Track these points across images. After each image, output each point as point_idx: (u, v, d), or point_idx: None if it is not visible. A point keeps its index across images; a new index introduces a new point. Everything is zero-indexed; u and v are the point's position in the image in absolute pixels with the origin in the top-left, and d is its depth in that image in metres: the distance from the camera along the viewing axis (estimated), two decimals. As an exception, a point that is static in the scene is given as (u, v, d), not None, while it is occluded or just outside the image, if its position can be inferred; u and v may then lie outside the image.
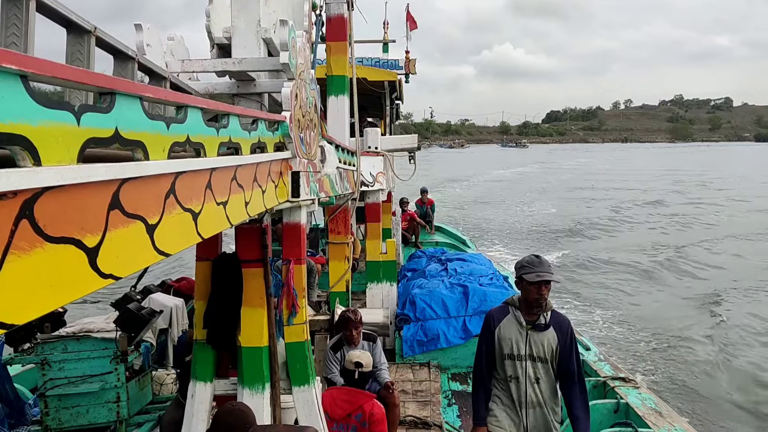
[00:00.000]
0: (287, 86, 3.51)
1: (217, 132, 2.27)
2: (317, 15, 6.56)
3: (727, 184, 44.56)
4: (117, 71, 2.69)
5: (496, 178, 55.77)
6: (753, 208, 29.91)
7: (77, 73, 1.27)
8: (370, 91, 9.61)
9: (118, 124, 1.47)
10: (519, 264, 3.62)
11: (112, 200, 1.44)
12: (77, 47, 2.31)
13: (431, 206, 15.44)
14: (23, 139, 1.11)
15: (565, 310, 12.02)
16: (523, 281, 3.52)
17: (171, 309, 5.38)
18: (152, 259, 1.67)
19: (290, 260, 4.18)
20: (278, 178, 3.36)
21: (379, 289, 8.24)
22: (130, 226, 1.53)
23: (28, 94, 1.12)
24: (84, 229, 1.31)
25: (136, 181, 1.56)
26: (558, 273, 16.37)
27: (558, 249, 20.09)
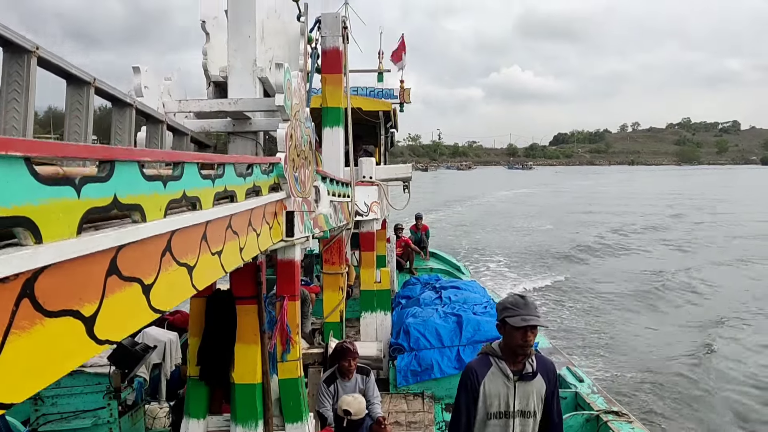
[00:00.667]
0: (282, 127, 3.56)
1: (213, 183, 2.31)
2: (313, 48, 6.66)
3: (725, 207, 44.77)
4: (116, 118, 2.74)
5: (499, 199, 56.59)
6: (747, 232, 30.04)
7: (77, 149, 1.32)
8: (365, 121, 9.71)
9: (116, 190, 1.51)
10: (501, 305, 3.18)
11: (109, 267, 1.47)
12: (77, 98, 2.36)
13: (426, 232, 15.49)
14: (26, 220, 1.15)
15: (557, 339, 12.03)
16: (507, 325, 3.08)
17: (165, 344, 5.38)
18: (148, 318, 1.70)
19: (284, 297, 4.21)
20: (273, 219, 3.40)
21: (373, 318, 8.24)
22: (127, 290, 1.56)
23: (31, 175, 1.16)
24: (82, 299, 1.35)
25: (134, 245, 1.59)
26: (549, 297, 16.53)
27: (549, 273, 20.11)
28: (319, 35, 6.71)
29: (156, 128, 3.17)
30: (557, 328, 13.37)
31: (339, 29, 6.68)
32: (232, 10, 4.07)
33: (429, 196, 54.28)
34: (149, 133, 3.18)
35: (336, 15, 6.71)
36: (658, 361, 11.46)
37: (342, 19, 6.72)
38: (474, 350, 7.71)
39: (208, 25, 4.30)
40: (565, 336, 12.81)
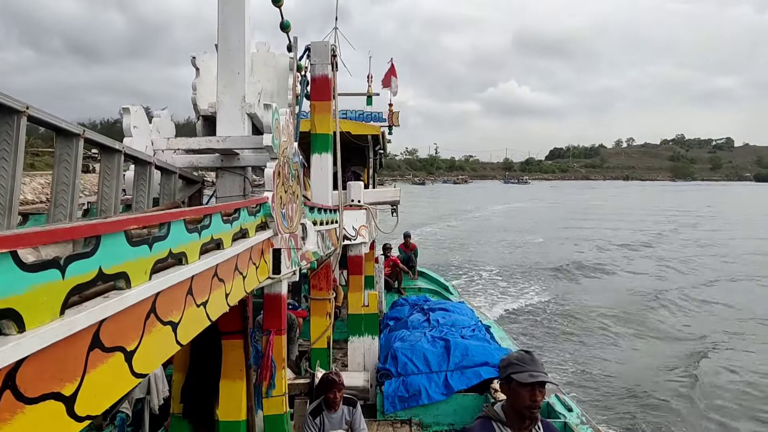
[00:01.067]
0: (270, 166, 3.59)
1: (200, 235, 2.32)
2: (302, 75, 6.71)
3: (715, 224, 45.14)
4: (104, 165, 2.76)
5: (494, 212, 57.61)
6: (732, 252, 30.29)
7: (60, 232, 1.33)
8: (353, 144, 9.76)
9: (101, 263, 1.53)
10: (505, 362, 2.85)
11: (92, 341, 1.48)
12: (66, 150, 2.38)
13: (414, 251, 15.50)
14: (10, 311, 1.16)
15: (545, 359, 12.03)
16: (512, 383, 2.74)
17: (149, 378, 5.33)
18: (129, 385, 1.71)
19: (270, 331, 4.21)
20: (259, 258, 3.41)
21: (361, 342, 8.22)
22: (109, 361, 1.57)
23: (16, 266, 1.18)
24: (63, 380, 1.35)
25: (117, 314, 1.60)
26: (537, 316, 16.55)
27: (537, 291, 20.17)
28: (308, 63, 6.76)
29: (144, 169, 3.19)
30: (544, 350, 13.39)
31: (328, 57, 6.74)
32: (222, 46, 4.11)
33: (426, 210, 55.15)
34: (137, 174, 3.19)
35: (325, 43, 6.77)
36: (648, 385, 11.48)
37: (331, 47, 6.78)
38: (462, 376, 7.71)
39: (198, 60, 4.33)
40: (554, 360, 12.82)
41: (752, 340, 14.54)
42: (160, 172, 3.55)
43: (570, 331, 15.37)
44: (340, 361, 8.89)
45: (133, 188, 3.26)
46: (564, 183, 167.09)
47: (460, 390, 7.56)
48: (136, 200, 3.23)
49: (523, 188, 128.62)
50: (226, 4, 4.00)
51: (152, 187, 3.36)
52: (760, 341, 14.37)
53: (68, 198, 2.42)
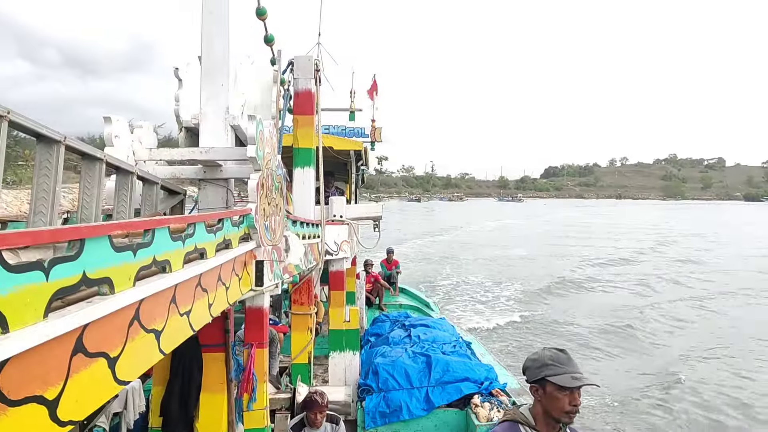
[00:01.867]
0: (254, 178, 3.58)
1: (183, 243, 2.31)
2: (285, 89, 6.72)
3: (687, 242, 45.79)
4: (85, 173, 2.73)
5: (485, 228, 58.73)
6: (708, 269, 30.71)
7: (44, 234, 1.32)
8: (336, 159, 9.78)
9: (85, 267, 1.51)
10: (539, 362, 2.54)
11: (75, 346, 1.46)
12: (46, 156, 2.35)
13: (396, 267, 15.50)
14: (-7, 313, 1.14)
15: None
16: (548, 386, 2.46)
17: (127, 391, 5.24)
18: (112, 391, 1.69)
19: (252, 344, 4.17)
20: (242, 270, 3.39)
21: (342, 358, 8.18)
22: (92, 366, 1.55)
23: (0, 266, 1.16)
24: (46, 383, 1.33)
25: (101, 319, 1.58)
26: (519, 331, 16.59)
27: (521, 306, 20.25)
28: (291, 77, 6.78)
29: (126, 179, 3.16)
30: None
31: (311, 72, 6.76)
32: (206, 57, 4.11)
33: (422, 225, 57.72)
34: (118, 184, 3.16)
35: (309, 58, 6.80)
36: (630, 400, 11.54)
37: (315, 62, 6.81)
38: (443, 391, 7.69)
39: (180, 71, 4.32)
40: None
41: (731, 355, 14.73)
42: (141, 183, 3.52)
43: (552, 346, 15.38)
44: (320, 377, 8.82)
45: (114, 198, 3.22)
46: (557, 201, 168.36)
47: (440, 405, 7.54)
48: (117, 210, 3.20)
49: (517, 206, 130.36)
50: (209, 15, 4.01)
51: (134, 198, 3.33)
52: (744, 357, 14.57)
53: (48, 205, 2.39)
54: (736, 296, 22.69)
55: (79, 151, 2.60)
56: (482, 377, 7.94)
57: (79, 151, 2.60)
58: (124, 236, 2.14)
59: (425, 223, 57.96)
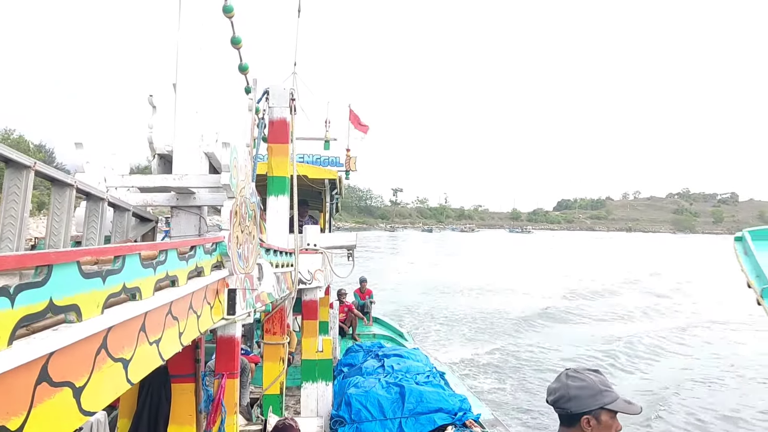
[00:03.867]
0: (227, 206, 3.56)
1: (155, 271, 2.27)
2: (260, 118, 6.74)
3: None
4: (55, 198, 2.69)
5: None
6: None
7: (10, 260, 1.29)
8: (310, 188, 9.78)
9: (52, 294, 1.48)
10: (592, 389, 2.20)
11: (40, 374, 1.42)
12: (15, 182, 2.32)
13: (369, 296, 15.44)
14: (-46, 339, 1.11)
15: (500, 409, 12.02)
16: (603, 415, 2.17)
17: (91, 424, 5.06)
18: (77, 422, 1.64)
19: (223, 374, 4.09)
20: (214, 298, 3.34)
21: (314, 388, 8.06)
22: (57, 396, 1.51)
23: (-37, 292, 1.13)
24: (9, 413, 1.29)
25: (67, 347, 1.55)
26: (493, 363, 16.57)
27: (497, 338, 20.24)
28: (266, 106, 6.81)
29: (96, 205, 3.12)
30: (499, 397, 13.37)
31: (287, 100, 6.80)
32: (181, 85, 4.11)
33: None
34: (89, 211, 3.12)
35: (284, 87, 6.84)
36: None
37: (290, 91, 6.85)
38: (416, 422, 7.62)
39: (155, 98, 4.31)
40: (508, 406, 12.80)
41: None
42: (112, 209, 3.47)
43: (526, 376, 15.43)
44: (292, 408, 8.68)
45: (84, 225, 3.17)
46: (567, 233, 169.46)
47: (414, 437, 7.46)
48: (87, 237, 3.15)
49: (525, 237, 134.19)
50: (185, 42, 4.02)
51: (104, 225, 3.29)
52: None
53: (15, 232, 2.34)
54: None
55: (49, 176, 2.56)
56: (456, 408, 7.89)
57: (49, 176, 2.56)
58: (94, 263, 2.10)
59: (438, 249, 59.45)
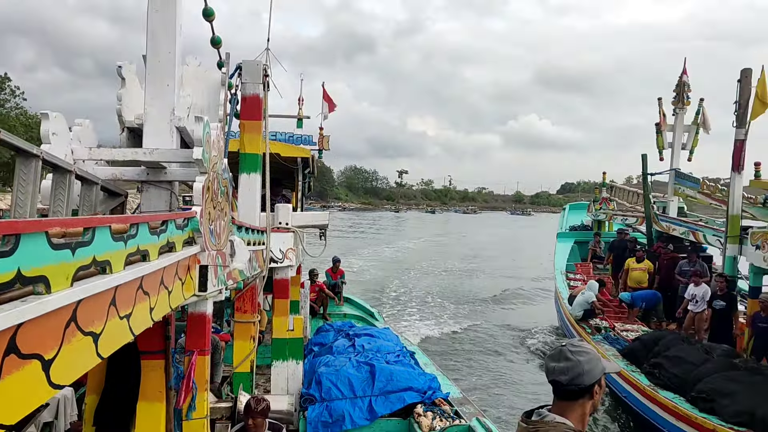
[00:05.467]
0: (199, 181, 3.50)
1: (125, 244, 2.23)
2: (233, 94, 6.63)
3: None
4: (20, 169, 2.61)
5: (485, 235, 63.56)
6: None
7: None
8: (283, 166, 9.70)
9: (20, 264, 1.44)
10: (595, 356, 2.26)
11: (8, 346, 1.39)
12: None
13: (341, 276, 15.44)
14: None
15: (468, 389, 12.19)
16: (602, 379, 2.27)
17: (58, 400, 5.00)
18: (45, 396, 1.61)
19: (194, 351, 4.05)
20: (185, 274, 3.30)
21: (285, 367, 8.07)
22: (25, 368, 1.48)
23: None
24: (-25, 385, 1.26)
25: (35, 319, 1.51)
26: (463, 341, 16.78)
27: (469, 316, 20.49)
28: (239, 81, 6.70)
29: (63, 178, 3.03)
30: (467, 376, 13.57)
31: (260, 77, 6.69)
32: (151, 56, 4.01)
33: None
34: (55, 183, 3.03)
35: (257, 63, 6.73)
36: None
37: (263, 67, 6.74)
38: (386, 401, 7.69)
39: (124, 70, 4.20)
40: (475, 384, 13.01)
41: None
42: (80, 183, 3.39)
43: (495, 352, 15.68)
44: (262, 387, 8.67)
45: (51, 198, 3.09)
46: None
47: (383, 415, 7.53)
48: (54, 210, 3.06)
49: (525, 219, 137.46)
50: (155, 13, 3.92)
51: (71, 198, 3.20)
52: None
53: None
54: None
55: (14, 146, 2.48)
56: (425, 386, 7.98)
57: (14, 146, 2.48)
58: (62, 235, 2.05)
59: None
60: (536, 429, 2.19)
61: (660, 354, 10.04)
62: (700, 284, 11.43)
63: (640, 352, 10.60)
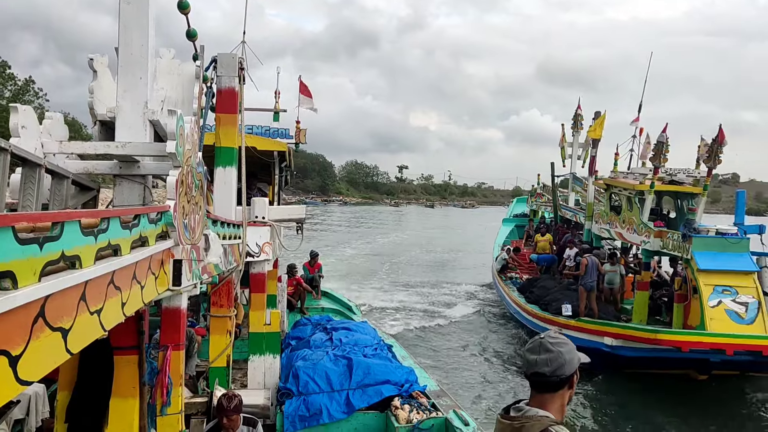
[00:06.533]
0: (173, 174, 3.47)
1: (96, 239, 2.21)
2: (208, 87, 6.56)
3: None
4: (-13, 164, 2.56)
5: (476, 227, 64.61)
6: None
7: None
8: (259, 160, 9.63)
9: (-15, 259, 1.42)
10: (572, 347, 2.32)
11: (-27, 342, 1.37)
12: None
13: (318, 270, 15.42)
14: None
15: (446, 382, 12.30)
16: (578, 370, 2.31)
17: (29, 397, 4.92)
18: (13, 392, 1.59)
19: (168, 346, 4.03)
20: (159, 269, 3.28)
21: (262, 361, 8.04)
22: (-8, 365, 1.46)
23: None
24: (-61, 382, 1.24)
25: (1, 315, 1.49)
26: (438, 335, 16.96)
27: (448, 309, 20.64)
28: (214, 74, 6.64)
29: (33, 171, 2.99)
30: (444, 369, 13.66)
31: (235, 69, 6.64)
32: (124, 49, 3.95)
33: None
34: (25, 177, 2.99)
35: (233, 55, 6.68)
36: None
37: (239, 60, 6.69)
38: (363, 394, 7.71)
39: (95, 62, 4.14)
40: (452, 377, 13.10)
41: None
42: (51, 176, 3.34)
43: (469, 343, 15.81)
44: (239, 381, 8.65)
45: (20, 192, 3.04)
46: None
47: (361, 408, 7.55)
48: (23, 205, 3.01)
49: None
50: (127, 5, 3.86)
51: (41, 192, 3.16)
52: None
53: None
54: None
55: (-19, 139, 2.44)
56: (402, 380, 8.02)
57: (-19, 139, 2.44)
58: (30, 230, 2.02)
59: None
60: (521, 425, 2.18)
61: (535, 286, 17.45)
62: (572, 249, 17.21)
63: (526, 287, 18.01)
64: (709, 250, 12.48)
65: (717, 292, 11.99)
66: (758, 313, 11.66)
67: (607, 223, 16.70)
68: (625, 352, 12.30)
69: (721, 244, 12.61)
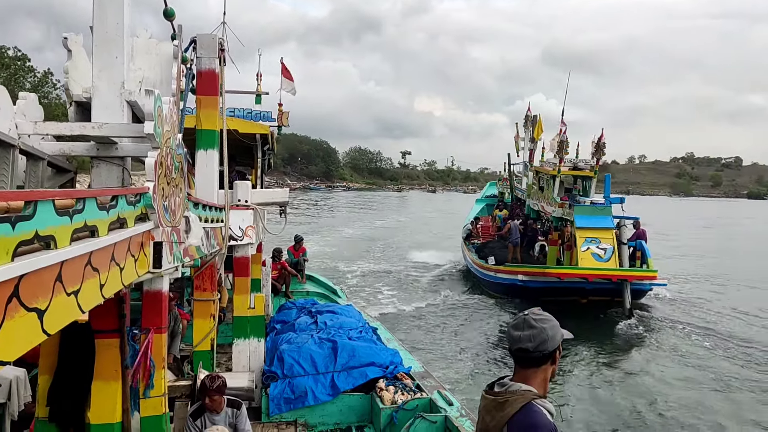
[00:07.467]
0: (152, 156, 3.42)
1: (71, 219, 2.17)
2: (188, 68, 6.46)
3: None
4: (-42, 143, 2.51)
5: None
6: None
7: None
8: (241, 143, 9.54)
9: (-46, 237, 1.39)
10: (555, 322, 2.39)
11: (-57, 321, 1.35)
12: None
13: (303, 254, 15.41)
14: None
15: (429, 363, 12.40)
16: (561, 344, 2.39)
17: (10, 381, 4.88)
18: (-12, 373, 1.57)
19: (150, 329, 4.00)
20: (139, 251, 3.24)
21: (246, 345, 8.03)
22: (-36, 344, 1.44)
23: None
24: None
25: (-27, 294, 1.47)
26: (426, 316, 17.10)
27: (433, 292, 20.78)
28: (194, 56, 6.53)
29: (6, 152, 2.94)
30: (428, 350, 13.77)
31: (216, 50, 6.54)
32: (99, 27, 3.87)
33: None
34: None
35: (212, 36, 6.58)
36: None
37: (219, 40, 6.59)
38: (348, 376, 7.74)
39: (70, 41, 4.06)
40: (437, 358, 13.21)
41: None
42: (25, 158, 3.28)
43: (455, 324, 15.95)
44: (224, 365, 8.64)
45: (-6, 173, 2.99)
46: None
47: (346, 390, 7.60)
48: (-2, 187, 2.97)
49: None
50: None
51: (16, 174, 3.11)
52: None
53: None
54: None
55: (-48, 119, 2.39)
56: (387, 361, 8.07)
57: (-48, 119, 2.39)
58: (5, 210, 1.99)
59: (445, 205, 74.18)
60: (505, 399, 2.26)
61: (486, 247, 22.42)
62: (515, 220, 22.06)
63: (480, 248, 22.76)
64: (584, 214, 18.20)
65: (587, 242, 17.67)
66: (612, 255, 17.44)
67: (537, 200, 22.73)
68: (531, 284, 17.99)
69: (592, 210, 18.40)
